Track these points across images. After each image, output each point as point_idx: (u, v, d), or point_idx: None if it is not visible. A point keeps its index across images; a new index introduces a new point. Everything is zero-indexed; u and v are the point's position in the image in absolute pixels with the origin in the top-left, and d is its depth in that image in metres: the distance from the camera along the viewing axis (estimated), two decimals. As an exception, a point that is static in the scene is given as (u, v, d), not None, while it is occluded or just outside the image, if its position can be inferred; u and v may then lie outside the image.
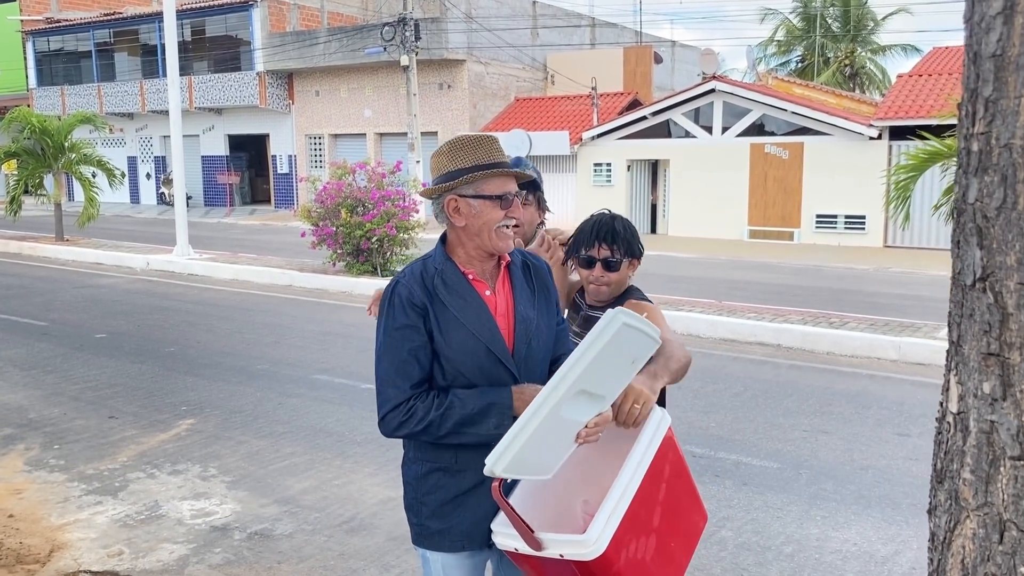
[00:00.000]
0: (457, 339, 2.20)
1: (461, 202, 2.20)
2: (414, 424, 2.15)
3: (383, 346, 2.21)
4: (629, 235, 2.75)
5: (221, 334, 9.42)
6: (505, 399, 2.15)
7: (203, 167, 30.97)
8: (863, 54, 38.08)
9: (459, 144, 2.23)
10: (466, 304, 2.22)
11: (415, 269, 2.25)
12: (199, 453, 5.63)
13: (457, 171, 2.20)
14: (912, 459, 5.62)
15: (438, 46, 23.95)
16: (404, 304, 2.19)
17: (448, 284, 2.23)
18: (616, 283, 2.74)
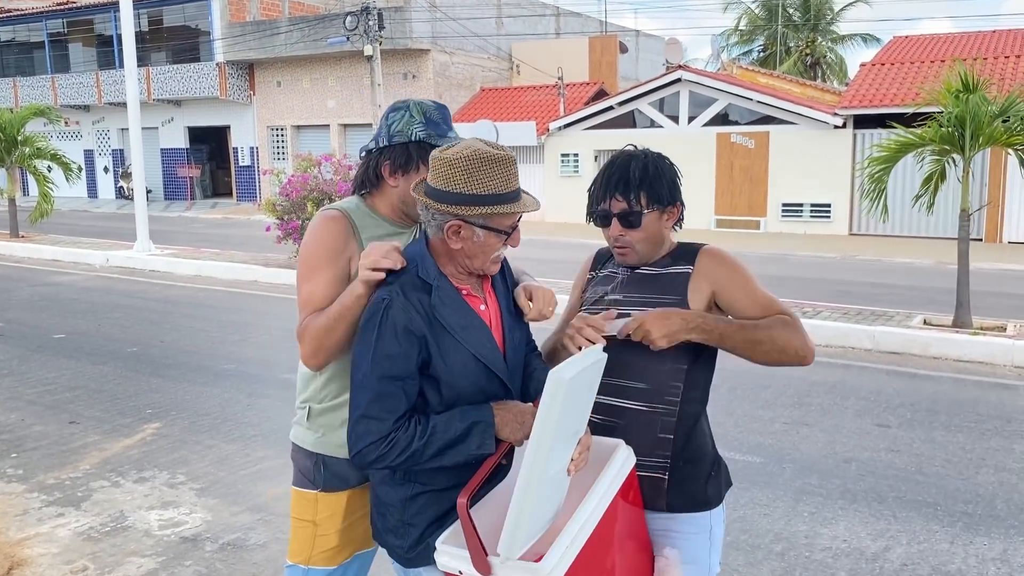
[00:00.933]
0: (459, 363, 2.06)
1: (465, 229, 2.00)
2: (395, 456, 1.98)
3: (367, 374, 1.99)
4: (651, 176, 2.16)
5: (185, 333, 9.15)
6: (487, 417, 2.02)
7: (162, 160, 30.35)
8: (823, 44, 38.39)
9: (479, 161, 1.95)
10: (468, 325, 2.08)
11: (406, 286, 2.03)
12: (166, 459, 5.42)
13: (472, 196, 1.96)
14: (894, 451, 5.58)
15: (402, 36, 23.65)
16: (399, 331, 1.98)
17: (447, 304, 2.05)
18: (646, 243, 2.20)
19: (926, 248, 16.65)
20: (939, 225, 17.88)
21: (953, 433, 5.92)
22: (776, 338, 2.03)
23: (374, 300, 2.02)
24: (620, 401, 2.21)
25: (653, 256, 2.26)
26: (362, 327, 2.03)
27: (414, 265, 2.07)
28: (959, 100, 8.08)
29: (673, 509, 2.20)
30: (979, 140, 8.21)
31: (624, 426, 2.18)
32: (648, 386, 2.18)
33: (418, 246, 2.11)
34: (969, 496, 4.84)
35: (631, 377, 2.19)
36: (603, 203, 2.21)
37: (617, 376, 2.19)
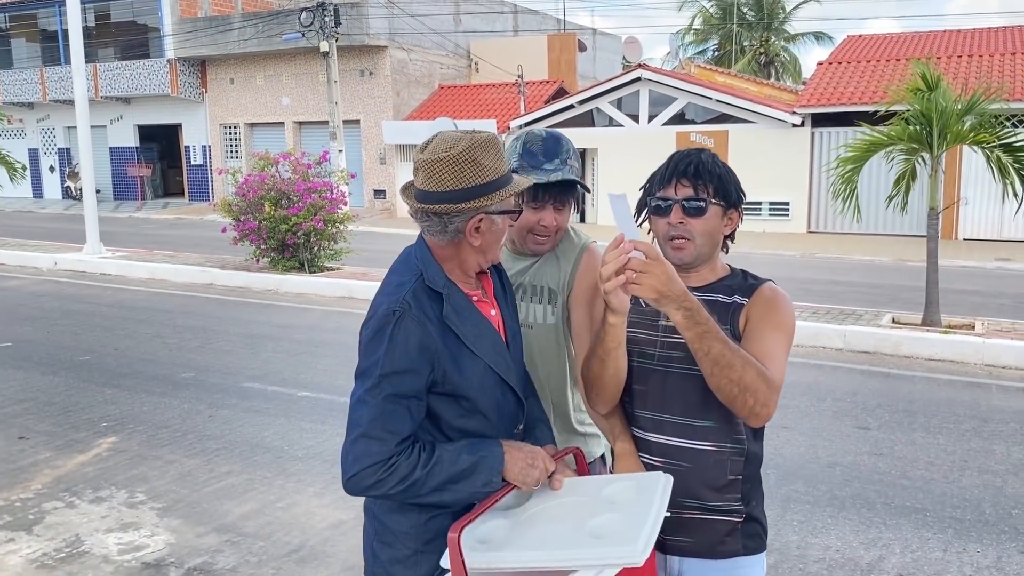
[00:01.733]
0: (476, 375, 1.91)
1: (486, 221, 1.87)
2: (393, 484, 1.80)
3: (371, 390, 1.80)
4: (721, 171, 2.01)
5: (141, 339, 8.79)
6: (496, 453, 1.87)
7: (111, 159, 29.52)
8: (777, 43, 38.79)
9: (480, 148, 1.84)
10: (481, 335, 1.94)
11: (417, 296, 1.86)
12: (124, 476, 5.12)
13: (488, 185, 1.84)
14: (877, 454, 5.50)
15: (359, 32, 23.27)
16: (411, 346, 1.81)
17: (460, 314, 1.90)
18: (705, 237, 2.01)
19: (884, 246, 16.82)
20: (897, 223, 18.06)
21: (933, 435, 5.87)
22: (747, 375, 1.82)
23: (383, 311, 1.84)
24: (686, 441, 2.03)
25: (707, 257, 2.07)
26: (368, 339, 1.85)
27: (418, 274, 1.90)
28: (922, 98, 8.08)
29: (747, 551, 2.06)
30: (946, 138, 8.22)
31: (693, 469, 2.01)
32: (714, 423, 2.01)
33: (420, 253, 1.93)
34: (956, 500, 4.77)
35: (695, 415, 2.02)
36: (665, 190, 2.02)
37: (680, 414, 2.03)
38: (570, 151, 2.30)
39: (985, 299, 11.06)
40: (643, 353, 2.08)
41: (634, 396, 2.10)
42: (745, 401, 1.84)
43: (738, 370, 1.82)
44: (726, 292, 2.06)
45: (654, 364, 2.05)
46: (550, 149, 2.26)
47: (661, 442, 2.03)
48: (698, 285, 2.07)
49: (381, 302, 1.87)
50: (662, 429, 2.04)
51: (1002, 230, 17.73)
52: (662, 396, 2.04)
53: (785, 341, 1.98)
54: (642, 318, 2.11)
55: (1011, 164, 8.03)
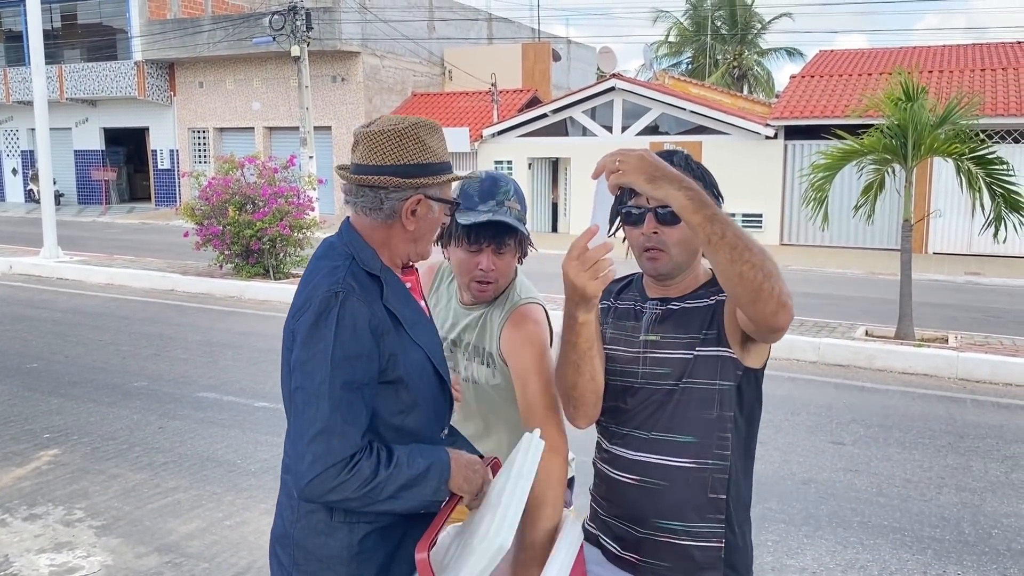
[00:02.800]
0: (417, 364, 1.78)
1: (424, 204, 1.77)
2: (355, 487, 1.61)
3: (326, 380, 1.62)
4: (695, 172, 1.84)
5: (93, 346, 8.45)
6: (444, 459, 1.75)
7: (76, 162, 28.92)
8: (750, 56, 39.04)
9: (426, 128, 1.77)
10: (418, 321, 1.83)
11: (357, 277, 1.71)
12: (63, 492, 4.82)
13: (434, 165, 1.77)
14: (852, 470, 5.34)
15: (331, 37, 22.99)
16: (360, 327, 1.65)
17: (396, 294, 1.79)
18: (682, 246, 1.84)
19: (856, 258, 16.82)
20: (868, 236, 18.11)
21: (909, 450, 5.73)
22: (767, 259, 1.58)
23: (323, 294, 1.67)
24: (664, 459, 1.85)
25: (685, 268, 1.90)
26: (310, 326, 1.66)
27: (350, 258, 1.75)
28: (901, 108, 7.99)
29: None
30: (920, 149, 8.14)
31: (670, 487, 1.84)
32: (695, 439, 1.84)
33: (349, 237, 1.79)
34: (935, 520, 4.61)
35: (674, 430, 1.85)
36: (637, 197, 1.84)
37: (659, 430, 1.86)
38: (509, 193, 2.15)
39: (956, 312, 11.00)
40: (625, 371, 1.91)
41: (614, 412, 1.93)
42: (771, 288, 1.58)
43: (757, 252, 1.59)
44: (704, 296, 1.90)
45: (638, 382, 1.89)
46: (486, 191, 2.13)
47: (638, 460, 1.88)
48: (678, 295, 1.91)
49: (318, 285, 1.69)
50: (639, 446, 1.88)
51: (971, 244, 17.79)
52: (644, 414, 1.88)
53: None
54: (621, 333, 1.95)
55: (981, 176, 7.95)
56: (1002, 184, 7.75)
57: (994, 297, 12.70)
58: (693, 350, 1.82)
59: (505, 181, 2.16)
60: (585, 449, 2.23)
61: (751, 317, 1.66)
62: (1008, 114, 17.00)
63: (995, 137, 14.67)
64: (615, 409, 1.92)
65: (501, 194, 2.13)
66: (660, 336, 1.88)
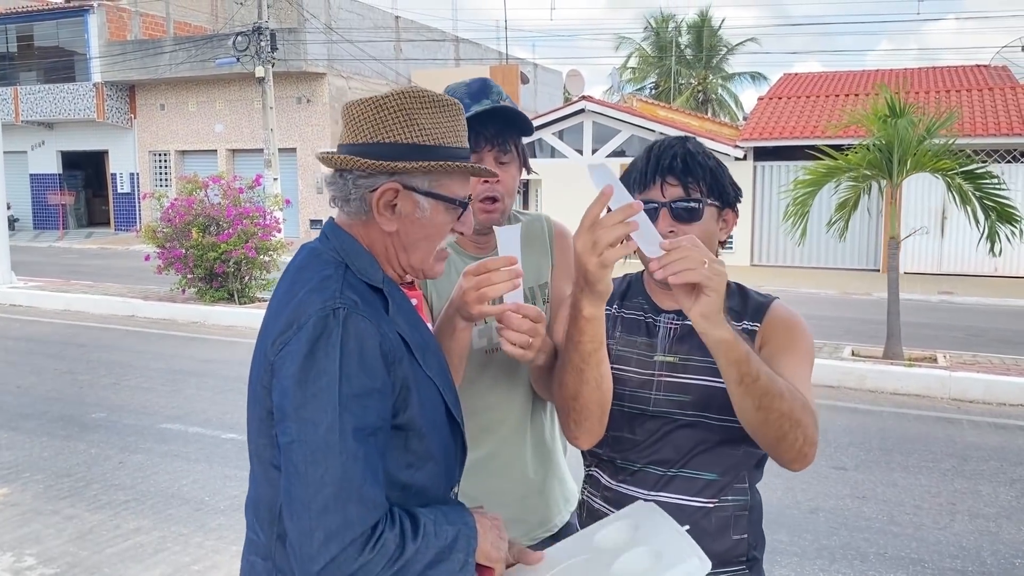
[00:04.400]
0: (430, 404, 1.39)
1: (404, 197, 1.37)
2: (379, 568, 1.22)
3: (335, 428, 1.24)
4: (713, 163, 1.61)
5: (48, 376, 7.97)
6: (470, 523, 1.37)
7: (32, 186, 28.15)
8: (715, 81, 39.39)
9: (418, 100, 1.36)
10: (428, 347, 1.43)
11: (355, 288, 1.33)
12: (12, 536, 4.39)
13: (423, 148, 1.35)
14: (859, 497, 5.09)
15: (296, 58, 22.65)
16: (369, 353, 1.27)
17: (403, 312, 1.41)
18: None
19: (829, 278, 16.77)
20: (840, 256, 18.10)
21: (913, 475, 5.49)
22: (796, 405, 1.41)
23: (317, 313, 1.28)
24: (682, 498, 1.58)
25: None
26: (304, 357, 1.27)
27: (342, 266, 1.37)
28: (887, 125, 7.86)
29: None
30: (906, 165, 8.01)
31: (691, 532, 1.52)
32: (718, 476, 1.58)
33: (338, 240, 1.41)
34: (953, 549, 4.36)
35: (696, 466, 1.58)
36: (649, 191, 1.58)
37: (679, 466, 1.58)
38: (503, 95, 1.81)
39: (936, 332, 10.90)
40: (636, 396, 1.61)
41: (619, 443, 1.64)
42: (795, 439, 1.43)
43: (787, 399, 1.39)
44: (733, 316, 1.62)
45: (650, 409, 1.60)
46: (476, 91, 1.79)
47: (656, 500, 1.58)
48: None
49: (305, 302, 1.30)
50: (655, 484, 1.60)
51: (942, 263, 17.85)
52: (658, 446, 1.59)
53: (809, 371, 1.60)
54: (632, 351, 1.64)
55: (972, 192, 7.84)
56: (993, 198, 7.64)
57: (971, 316, 12.66)
58: (718, 377, 1.52)
59: (494, 84, 1.83)
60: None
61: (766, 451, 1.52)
62: (987, 134, 17.12)
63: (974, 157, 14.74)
64: (620, 440, 1.63)
65: (494, 95, 1.79)
66: (678, 358, 1.61)
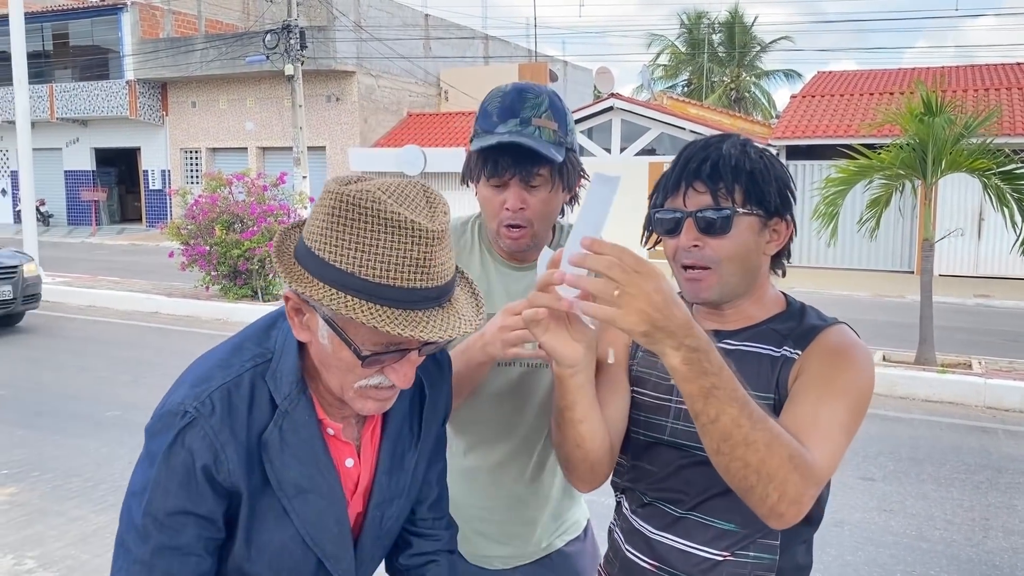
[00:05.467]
0: (273, 546, 1.22)
1: (309, 314, 1.16)
2: None
3: (137, 534, 1.15)
4: (756, 165, 1.37)
5: (67, 373, 7.96)
6: None
7: (67, 183, 28.50)
8: (748, 79, 38.91)
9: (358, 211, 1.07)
10: (309, 489, 1.23)
11: (233, 396, 1.17)
12: (15, 537, 4.34)
13: (331, 269, 1.09)
14: (887, 510, 4.88)
15: (325, 56, 22.68)
16: (195, 475, 1.14)
17: (290, 445, 1.20)
18: (735, 264, 1.37)
19: (861, 280, 16.42)
20: (873, 257, 17.73)
21: (945, 487, 5.27)
22: (771, 459, 1.17)
23: (169, 407, 1.16)
24: (692, 546, 1.39)
25: (743, 291, 1.40)
26: (144, 447, 1.18)
27: (266, 358, 1.21)
28: (923, 123, 7.60)
29: None
30: (941, 165, 7.75)
31: None
32: (737, 527, 1.37)
33: (285, 335, 1.23)
34: (986, 568, 4.15)
35: (711, 511, 1.38)
36: (674, 198, 1.39)
37: (691, 508, 1.39)
38: (540, 108, 1.61)
39: (972, 336, 10.57)
40: (650, 423, 1.42)
41: (638, 473, 1.46)
42: (765, 495, 1.19)
43: (759, 450, 1.16)
44: (773, 340, 1.39)
45: (665, 438, 1.41)
46: (507, 107, 1.61)
47: (660, 541, 1.41)
48: (737, 327, 1.41)
49: (181, 385, 1.19)
50: (664, 524, 1.41)
51: (978, 266, 17.41)
52: (671, 482, 1.41)
53: (847, 412, 1.30)
54: (650, 372, 1.45)
55: (1010, 193, 7.56)
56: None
57: (1009, 320, 12.29)
58: None
59: (536, 93, 1.62)
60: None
61: None
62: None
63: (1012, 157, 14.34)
64: (639, 469, 1.46)
65: (527, 109, 1.60)
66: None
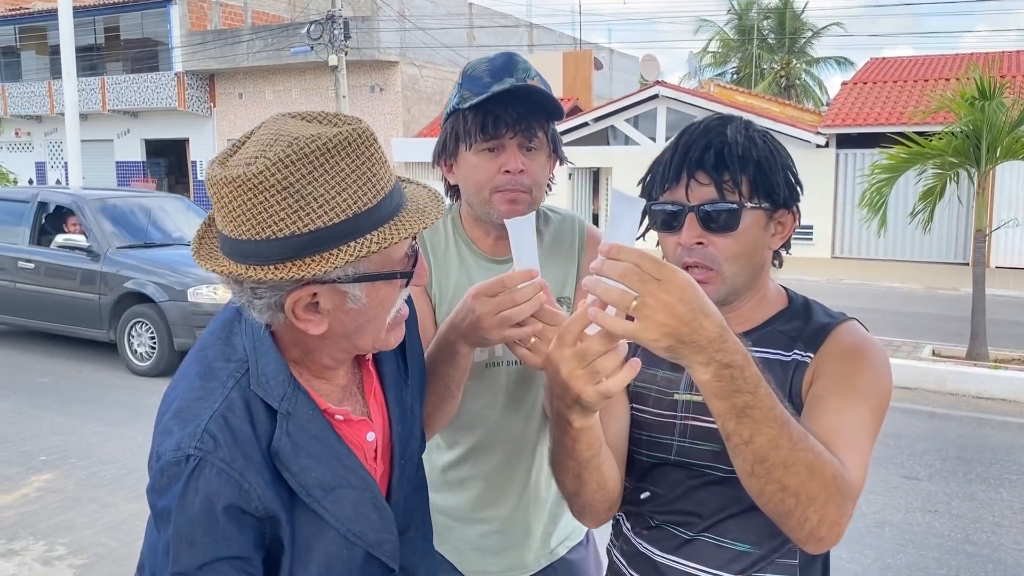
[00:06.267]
0: (318, 555, 1.12)
1: (327, 294, 1.05)
2: None
3: None
4: (762, 152, 1.26)
5: (111, 358, 8.07)
6: None
7: (118, 173, 29.08)
8: (798, 66, 38.16)
9: (309, 158, 0.97)
10: (339, 485, 1.12)
11: (230, 420, 1.05)
12: (47, 523, 4.38)
13: (319, 235, 0.99)
14: (931, 511, 4.69)
15: (369, 46, 22.75)
16: (217, 514, 1.02)
17: (303, 446, 1.09)
18: (741, 262, 1.26)
19: (913, 272, 15.99)
20: (928, 248, 17.26)
21: (994, 488, 5.06)
22: (813, 481, 1.07)
23: (168, 458, 1.04)
24: (705, 570, 1.28)
25: (745, 291, 1.28)
26: (154, 507, 1.07)
27: (243, 368, 1.09)
28: (975, 108, 7.31)
29: None
30: (996, 152, 7.45)
31: None
32: (753, 547, 1.25)
33: (251, 328, 1.11)
34: (1035, 575, 3.96)
35: (725, 533, 1.26)
36: (673, 190, 1.26)
37: (703, 529, 1.28)
38: (531, 71, 1.55)
39: (1028, 330, 10.22)
40: (654, 442, 1.31)
41: (640, 494, 1.35)
42: (804, 519, 1.08)
43: (799, 473, 1.05)
44: (782, 343, 1.27)
45: (672, 458, 1.30)
46: (500, 67, 1.53)
47: (670, 566, 1.30)
48: (741, 331, 1.27)
49: (166, 433, 1.06)
50: (673, 547, 1.30)
51: (1037, 258, 16.84)
52: (681, 503, 1.29)
53: (871, 417, 1.21)
54: (650, 388, 1.32)
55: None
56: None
57: (1068, 314, 11.85)
58: None
59: (523, 60, 1.57)
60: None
61: None
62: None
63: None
64: (642, 491, 1.36)
65: (520, 72, 1.54)
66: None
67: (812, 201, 18.55)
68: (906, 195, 13.74)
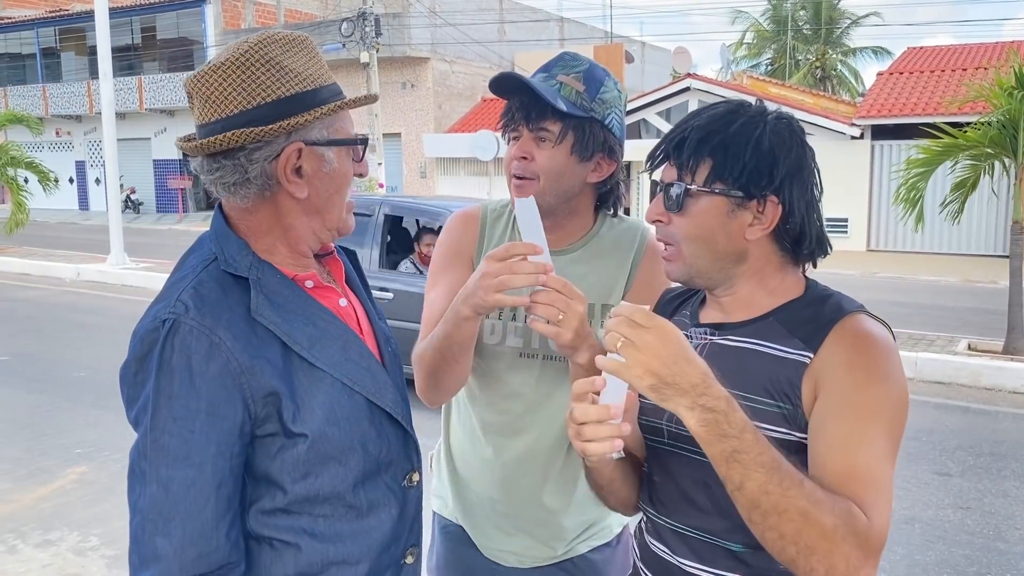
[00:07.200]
0: (320, 400, 1.20)
1: (308, 156, 1.22)
2: None
3: (145, 454, 1.11)
4: (733, 136, 1.22)
5: (144, 355, 8.22)
6: None
7: (155, 171, 29.53)
8: (834, 56, 37.64)
9: (280, 43, 1.22)
10: (322, 335, 1.23)
11: (201, 292, 1.16)
12: (81, 515, 4.48)
13: (306, 95, 1.21)
14: (963, 508, 4.63)
15: (400, 43, 22.85)
16: (198, 368, 1.11)
17: (281, 305, 1.21)
18: (697, 245, 1.25)
19: (951, 265, 15.72)
20: (965, 241, 16.97)
21: (1029, 485, 4.97)
22: (811, 529, 1.03)
23: (146, 326, 1.15)
24: (699, 568, 1.26)
25: (718, 276, 1.27)
26: (132, 376, 1.16)
27: (210, 258, 1.22)
28: (1013, 98, 7.16)
29: None
30: (1033, 143, 7.30)
31: None
32: (746, 547, 1.21)
33: (216, 227, 1.27)
34: (1069, 573, 3.89)
35: (716, 531, 1.24)
36: (659, 167, 1.32)
37: (693, 525, 1.26)
38: (570, 67, 1.60)
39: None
40: (649, 425, 1.32)
41: (649, 482, 1.35)
42: (809, 568, 1.05)
43: (793, 519, 1.03)
44: (778, 335, 1.22)
45: (664, 441, 1.29)
46: (545, 65, 1.64)
47: (663, 558, 1.30)
48: (741, 319, 1.27)
49: (147, 313, 1.18)
50: (669, 539, 1.29)
51: (1080, 250, 16.48)
52: (674, 493, 1.28)
53: (887, 438, 1.12)
54: None
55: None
56: None
57: (1111, 307, 11.56)
58: (757, 419, 1.14)
59: (577, 58, 1.62)
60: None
61: None
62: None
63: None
64: (649, 479, 1.35)
65: (559, 68, 1.60)
66: None
67: (847, 193, 18.35)
68: (944, 187, 13.53)
